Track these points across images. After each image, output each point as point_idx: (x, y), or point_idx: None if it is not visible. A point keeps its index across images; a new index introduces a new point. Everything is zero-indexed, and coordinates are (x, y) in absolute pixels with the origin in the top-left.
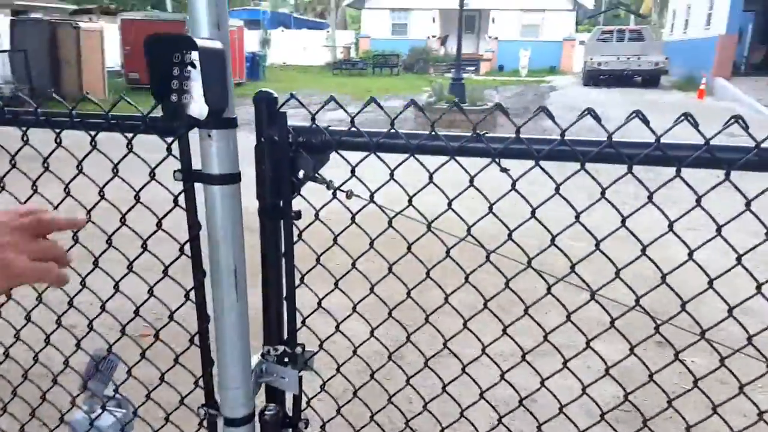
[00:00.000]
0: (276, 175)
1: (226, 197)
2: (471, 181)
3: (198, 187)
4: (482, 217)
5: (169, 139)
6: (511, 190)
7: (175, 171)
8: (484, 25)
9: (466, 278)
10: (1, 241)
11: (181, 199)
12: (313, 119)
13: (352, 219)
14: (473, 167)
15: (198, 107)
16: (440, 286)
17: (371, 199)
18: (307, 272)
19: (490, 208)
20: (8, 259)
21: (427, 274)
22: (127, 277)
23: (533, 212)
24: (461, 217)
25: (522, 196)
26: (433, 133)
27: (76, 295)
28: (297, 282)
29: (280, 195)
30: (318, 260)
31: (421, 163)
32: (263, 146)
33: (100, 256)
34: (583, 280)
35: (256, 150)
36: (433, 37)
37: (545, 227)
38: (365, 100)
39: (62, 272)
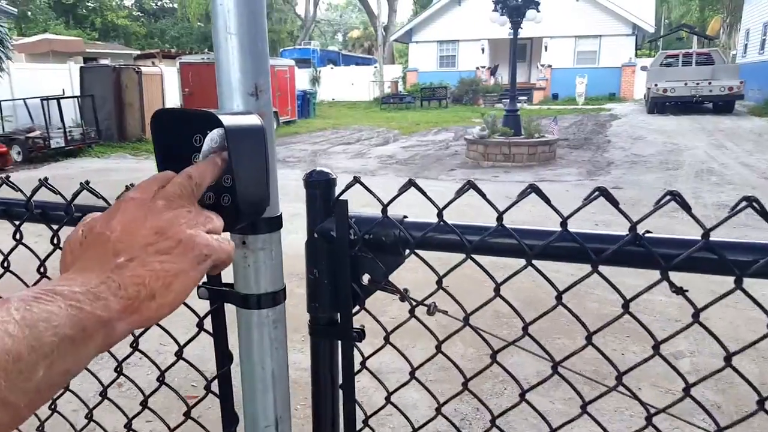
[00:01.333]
0: (333, 281)
1: (266, 325)
2: (558, 299)
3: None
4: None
5: None
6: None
7: (199, 287)
8: (536, 54)
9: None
10: (169, 216)
11: (208, 321)
12: (384, 210)
13: (438, 348)
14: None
15: (226, 209)
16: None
17: (466, 322)
18: (374, 413)
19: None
20: (191, 236)
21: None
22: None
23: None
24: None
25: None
26: (565, 231)
27: None
28: (359, 425)
29: (337, 307)
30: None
31: (548, 280)
32: (317, 244)
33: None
34: None
35: (308, 248)
36: (483, 67)
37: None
38: (414, 133)
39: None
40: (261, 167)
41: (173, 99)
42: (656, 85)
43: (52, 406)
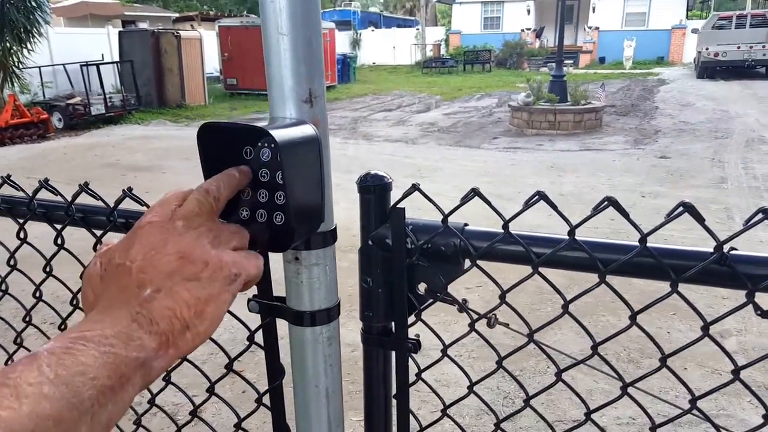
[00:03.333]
0: (388, 290)
1: (320, 343)
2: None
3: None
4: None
5: None
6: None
7: (249, 299)
8: (583, 15)
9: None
10: (191, 237)
11: (259, 335)
12: (444, 219)
13: (500, 359)
14: None
15: (279, 227)
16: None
17: (531, 339)
18: (429, 425)
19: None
20: (217, 256)
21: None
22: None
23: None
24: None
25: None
26: (644, 247)
27: None
28: None
29: (392, 316)
30: (444, 412)
31: (616, 293)
32: (371, 251)
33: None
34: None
35: (361, 256)
36: (528, 29)
37: None
38: (456, 99)
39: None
40: (316, 181)
41: (213, 63)
42: (707, 48)
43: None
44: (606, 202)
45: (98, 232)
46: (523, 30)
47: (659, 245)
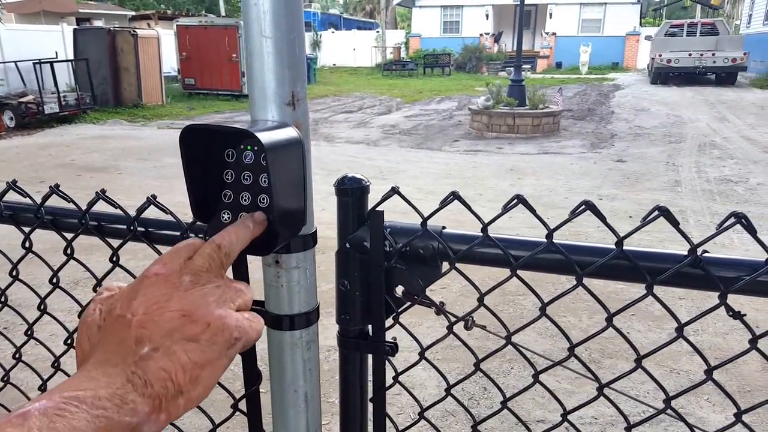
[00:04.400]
0: (365, 293)
1: (299, 347)
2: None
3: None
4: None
5: None
6: None
7: None
8: (540, 21)
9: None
10: (197, 295)
11: None
12: (424, 223)
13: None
14: None
15: (263, 232)
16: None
17: (508, 341)
18: (408, 428)
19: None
20: (220, 318)
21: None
22: None
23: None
24: None
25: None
26: (620, 250)
27: None
28: None
29: (369, 319)
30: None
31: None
32: (348, 254)
33: None
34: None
35: (338, 258)
36: (486, 34)
37: None
38: (416, 102)
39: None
40: (299, 184)
41: (170, 63)
42: (660, 55)
43: None
44: (583, 206)
45: (69, 235)
46: (482, 34)
47: (634, 248)
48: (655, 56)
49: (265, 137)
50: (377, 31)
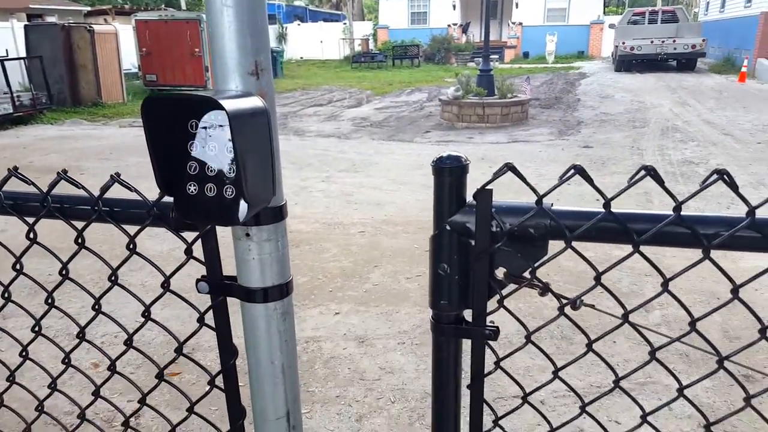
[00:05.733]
0: (464, 277)
1: (274, 319)
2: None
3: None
4: None
5: (189, 235)
6: None
7: (198, 280)
8: (507, 11)
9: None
10: None
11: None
12: (539, 201)
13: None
14: None
15: (230, 201)
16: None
17: (625, 319)
18: (507, 414)
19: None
20: None
21: None
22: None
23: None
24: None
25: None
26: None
27: None
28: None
29: (467, 303)
30: None
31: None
32: (443, 238)
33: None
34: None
35: (435, 242)
36: (454, 25)
37: None
38: (387, 94)
39: None
40: (266, 154)
41: (130, 59)
42: (624, 43)
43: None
44: (572, 171)
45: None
46: (449, 25)
47: (622, 210)
48: (619, 44)
49: (230, 105)
50: (344, 23)
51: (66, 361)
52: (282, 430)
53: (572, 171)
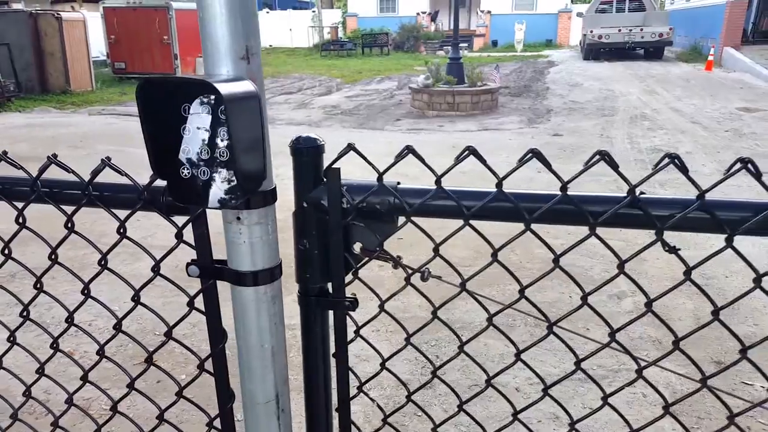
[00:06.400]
0: (324, 251)
1: (264, 302)
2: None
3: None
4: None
5: (179, 219)
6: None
7: (188, 264)
8: None
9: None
10: None
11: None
12: (380, 178)
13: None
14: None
15: (223, 184)
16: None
17: (463, 287)
18: (367, 381)
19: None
20: None
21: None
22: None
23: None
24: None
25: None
26: (564, 195)
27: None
28: (353, 389)
29: (328, 276)
30: (383, 365)
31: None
32: (306, 214)
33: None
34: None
35: (296, 218)
36: (423, 13)
37: None
38: (357, 82)
39: None
40: (258, 137)
41: (99, 47)
42: (592, 31)
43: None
44: (530, 154)
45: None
46: (418, 13)
47: (579, 193)
48: (587, 32)
49: (224, 89)
50: (313, 11)
51: (54, 346)
52: (271, 412)
53: (530, 155)
